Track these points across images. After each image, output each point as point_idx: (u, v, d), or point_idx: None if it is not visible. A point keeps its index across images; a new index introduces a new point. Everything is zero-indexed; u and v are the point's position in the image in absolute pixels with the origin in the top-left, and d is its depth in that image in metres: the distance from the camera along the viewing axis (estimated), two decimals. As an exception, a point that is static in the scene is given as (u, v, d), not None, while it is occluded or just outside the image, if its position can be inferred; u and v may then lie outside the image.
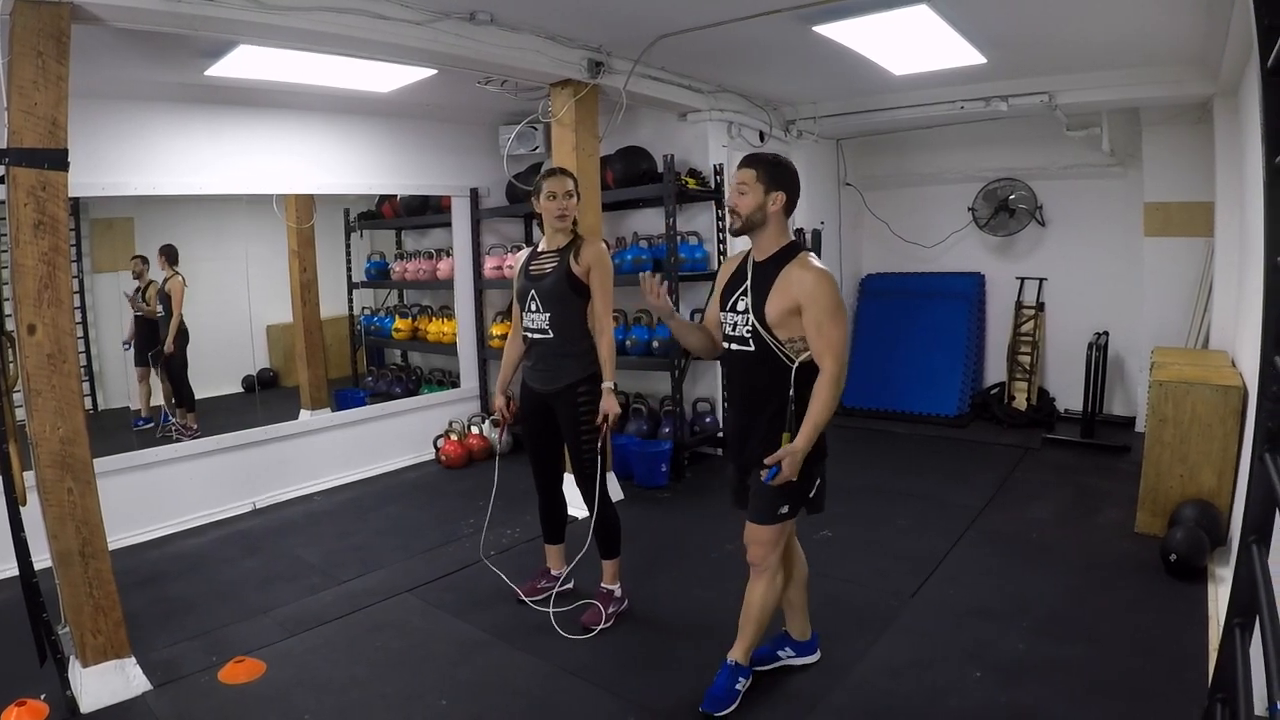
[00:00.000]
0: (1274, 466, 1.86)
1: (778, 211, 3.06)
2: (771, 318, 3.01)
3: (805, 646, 3.61)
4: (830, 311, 2.93)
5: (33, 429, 3.23)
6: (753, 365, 3.09)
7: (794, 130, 7.89)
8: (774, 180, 3.05)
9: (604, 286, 3.94)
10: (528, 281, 4.02)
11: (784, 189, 3.07)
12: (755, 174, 3.05)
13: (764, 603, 3.24)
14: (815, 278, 2.95)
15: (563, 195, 3.96)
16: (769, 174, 3.05)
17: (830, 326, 2.93)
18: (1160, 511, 4.82)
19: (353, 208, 8.01)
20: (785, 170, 3.10)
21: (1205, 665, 3.37)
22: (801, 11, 4.62)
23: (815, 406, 2.94)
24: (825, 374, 2.95)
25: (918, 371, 8.29)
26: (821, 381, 2.96)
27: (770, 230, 3.09)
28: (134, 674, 3.54)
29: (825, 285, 2.94)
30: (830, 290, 2.94)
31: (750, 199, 3.06)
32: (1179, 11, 4.71)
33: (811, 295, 2.94)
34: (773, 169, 3.07)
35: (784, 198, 3.06)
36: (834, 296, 2.94)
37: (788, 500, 3.08)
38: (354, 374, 8.28)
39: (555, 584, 4.34)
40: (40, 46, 3.07)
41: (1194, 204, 6.68)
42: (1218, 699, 2.17)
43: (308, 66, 5.01)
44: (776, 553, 3.20)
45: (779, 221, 3.09)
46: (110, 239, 6.17)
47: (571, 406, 3.93)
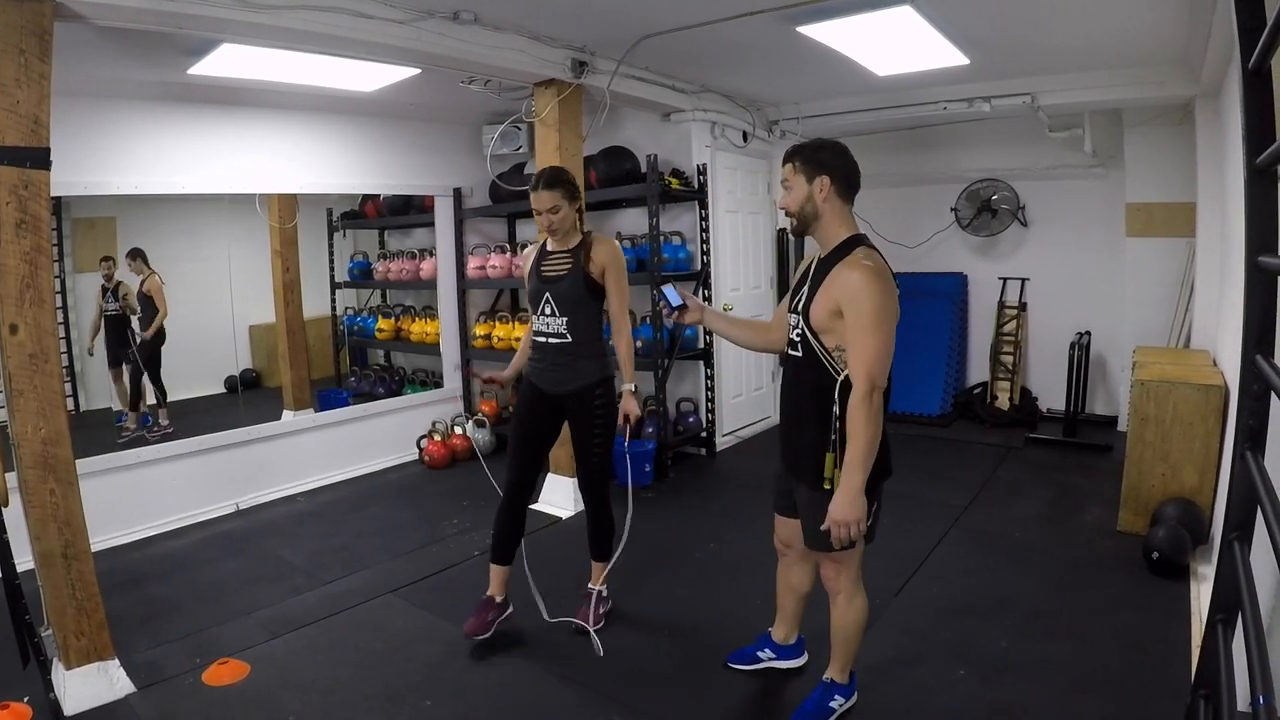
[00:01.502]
0: (1255, 464, 1.88)
1: (829, 198, 2.77)
2: (817, 321, 2.76)
3: (787, 651, 3.55)
4: (870, 320, 2.62)
5: (15, 429, 3.20)
6: (800, 372, 2.88)
7: (777, 131, 7.90)
8: (814, 165, 2.78)
9: (620, 287, 3.86)
10: (541, 284, 3.88)
11: (828, 171, 2.77)
12: (793, 165, 2.82)
13: (844, 622, 3.09)
14: (861, 278, 2.63)
15: (547, 212, 3.75)
16: (807, 160, 2.79)
17: (865, 338, 2.63)
18: (1142, 510, 4.85)
19: (336, 207, 7.98)
20: (827, 151, 2.80)
21: (1188, 661, 3.39)
22: (785, 12, 4.63)
23: (852, 439, 2.68)
24: (853, 394, 2.67)
25: (900, 371, 8.05)
26: (850, 404, 2.68)
27: (827, 222, 2.81)
28: (117, 676, 3.52)
29: (870, 287, 2.61)
30: (875, 294, 2.61)
31: (796, 193, 2.81)
32: (1161, 13, 4.75)
33: (852, 298, 2.64)
34: (811, 154, 2.80)
35: (829, 181, 2.76)
36: (878, 301, 2.61)
37: None
38: (337, 374, 8.26)
39: (500, 613, 3.99)
40: (23, 44, 3.05)
41: (1176, 204, 6.73)
42: (1201, 695, 2.18)
43: (291, 65, 4.99)
44: (848, 575, 3.02)
45: (835, 210, 2.80)
46: (92, 238, 6.13)
47: (588, 409, 3.86)
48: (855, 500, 2.67)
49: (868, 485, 2.73)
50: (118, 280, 6.16)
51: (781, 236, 8.08)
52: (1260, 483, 1.75)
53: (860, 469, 2.67)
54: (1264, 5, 1.84)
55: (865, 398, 2.65)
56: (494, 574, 4.03)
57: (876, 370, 2.65)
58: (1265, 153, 1.78)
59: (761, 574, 4.47)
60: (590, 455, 3.93)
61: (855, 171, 2.83)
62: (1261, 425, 1.97)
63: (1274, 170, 1.82)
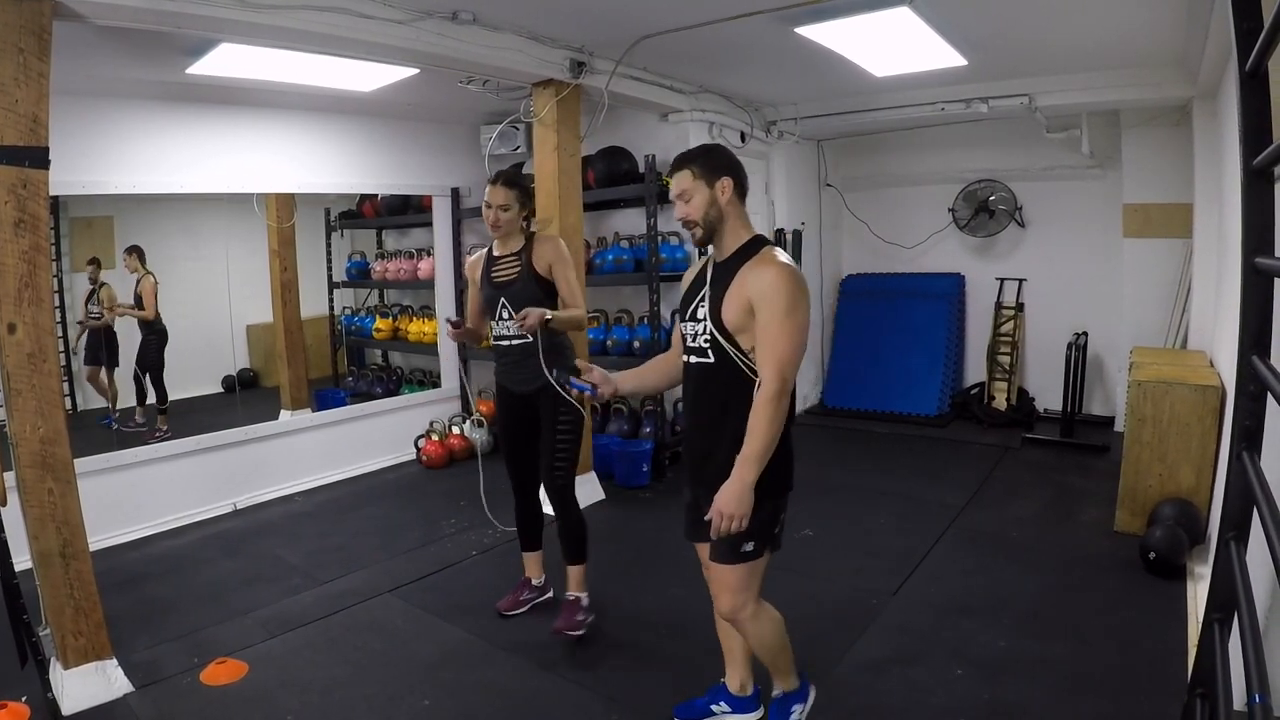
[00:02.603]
0: (1251, 465, 1.88)
1: (730, 200, 2.69)
2: (730, 322, 2.61)
3: (743, 704, 3.22)
4: (782, 314, 2.51)
5: (13, 429, 3.20)
6: (712, 378, 2.70)
7: (775, 131, 7.91)
8: (712, 169, 2.68)
9: (567, 277, 3.87)
10: (494, 290, 3.91)
11: (727, 173, 2.69)
12: (690, 172, 2.70)
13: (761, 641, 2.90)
14: (774, 274, 2.54)
15: (497, 208, 3.82)
16: (704, 165, 2.69)
17: (778, 332, 2.51)
18: (1139, 510, 4.85)
19: (333, 207, 7.98)
20: (720, 154, 2.76)
21: (1185, 661, 3.40)
22: (783, 13, 4.64)
23: (751, 434, 2.52)
24: (761, 390, 2.53)
25: (898, 371, 8.33)
26: (756, 400, 2.54)
27: (730, 225, 2.71)
28: (115, 676, 3.52)
29: (782, 283, 2.52)
30: (788, 289, 2.52)
31: (698, 200, 2.69)
32: (1158, 14, 4.76)
33: (764, 294, 2.54)
34: (706, 158, 2.72)
35: (731, 182, 2.68)
36: (791, 296, 2.52)
37: (752, 536, 2.65)
38: (334, 374, 8.25)
39: (537, 594, 4.28)
40: (21, 43, 3.05)
41: (1173, 205, 6.74)
42: (1198, 694, 2.19)
43: (289, 65, 4.99)
44: (749, 598, 2.77)
45: (737, 212, 2.72)
46: (90, 237, 6.12)
47: (552, 406, 3.85)
48: (744, 494, 2.51)
49: (771, 493, 2.62)
50: (102, 282, 6.12)
51: (779, 237, 8.09)
52: (1256, 483, 1.76)
53: (754, 465, 2.52)
54: (1261, 7, 1.84)
55: (775, 397, 2.50)
56: (526, 560, 4.30)
57: (789, 369, 2.53)
58: (1262, 154, 1.79)
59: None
60: (555, 451, 3.90)
61: (745, 175, 2.77)
62: (1257, 426, 1.98)
63: (1271, 171, 1.83)
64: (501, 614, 4.18)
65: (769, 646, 2.91)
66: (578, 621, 3.93)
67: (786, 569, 4.60)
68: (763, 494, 2.56)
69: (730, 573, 2.73)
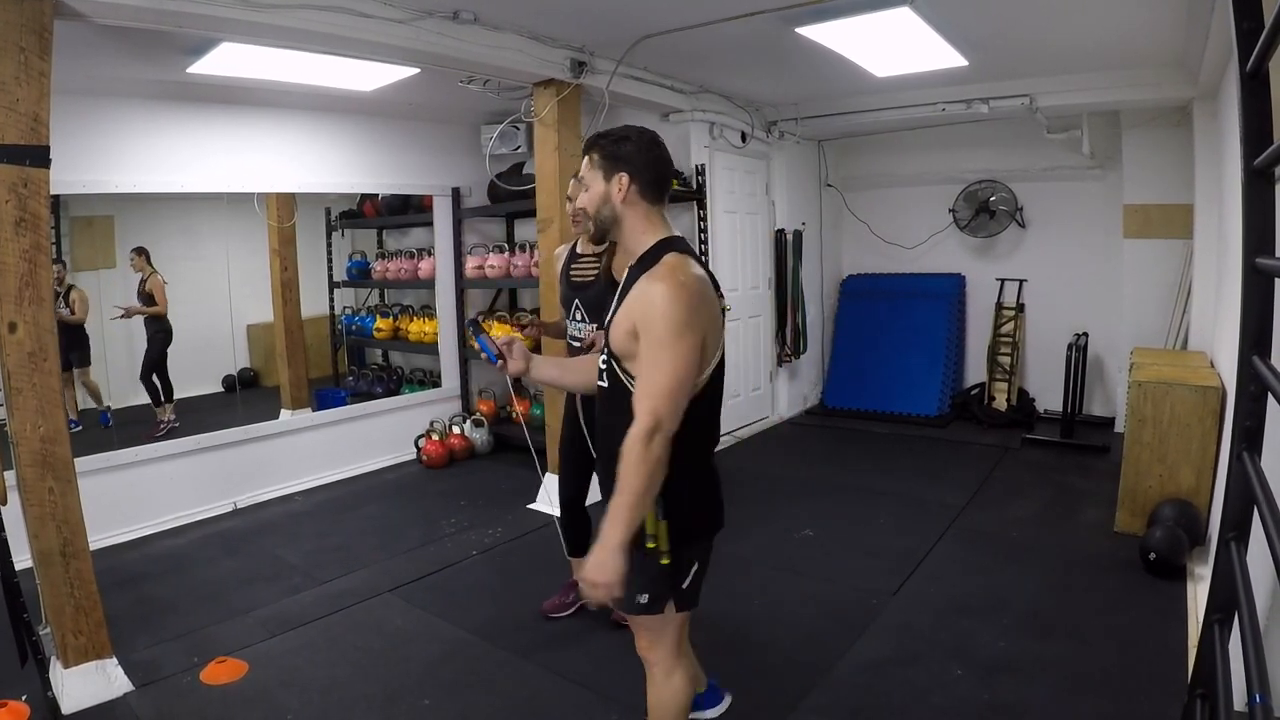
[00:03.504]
0: (1252, 465, 1.88)
1: (629, 199, 2.29)
2: (617, 344, 2.25)
3: (705, 699, 3.03)
4: (661, 339, 2.09)
5: (13, 428, 3.21)
6: (609, 407, 2.33)
7: (776, 131, 7.91)
8: (613, 160, 2.30)
9: None
10: (570, 290, 3.80)
11: (627, 167, 2.28)
12: (590, 159, 2.36)
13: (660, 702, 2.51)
14: (659, 293, 2.10)
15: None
16: (606, 153, 2.32)
17: (652, 363, 2.11)
18: (1139, 511, 4.85)
19: (334, 207, 7.97)
20: (630, 143, 2.31)
21: (1184, 662, 3.40)
22: (784, 13, 4.64)
23: (619, 484, 2.11)
24: (631, 430, 2.09)
25: (898, 372, 8.34)
26: (626, 441, 2.09)
27: (630, 226, 2.33)
28: (115, 675, 3.52)
29: (667, 304, 2.08)
30: (671, 310, 2.08)
31: (592, 191, 2.34)
32: (1159, 15, 4.76)
33: (645, 316, 2.12)
34: (611, 145, 2.32)
35: (626, 179, 2.27)
36: (674, 320, 2.08)
37: (647, 588, 2.30)
38: (335, 374, 8.25)
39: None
40: (22, 42, 3.05)
41: (1173, 206, 6.73)
42: (1198, 694, 2.19)
43: (290, 64, 4.98)
44: (664, 645, 2.44)
45: (640, 213, 2.31)
46: (90, 237, 6.12)
47: None
48: (608, 561, 2.10)
49: (689, 539, 2.30)
50: (69, 285, 6.08)
51: (780, 238, 8.10)
52: (1257, 483, 1.76)
53: (622, 523, 2.09)
54: (1262, 7, 1.84)
55: (643, 437, 2.07)
56: (574, 565, 4.05)
57: (663, 406, 2.08)
58: (1263, 154, 1.79)
59: (758, 574, 4.50)
60: None
61: (663, 166, 2.35)
62: (1258, 426, 1.98)
63: (1272, 172, 1.83)
64: (547, 616, 4.11)
65: (661, 711, 2.52)
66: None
67: (787, 569, 4.64)
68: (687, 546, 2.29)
69: (641, 626, 2.45)
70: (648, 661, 2.50)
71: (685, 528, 2.28)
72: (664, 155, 2.36)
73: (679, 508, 2.25)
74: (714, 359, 2.24)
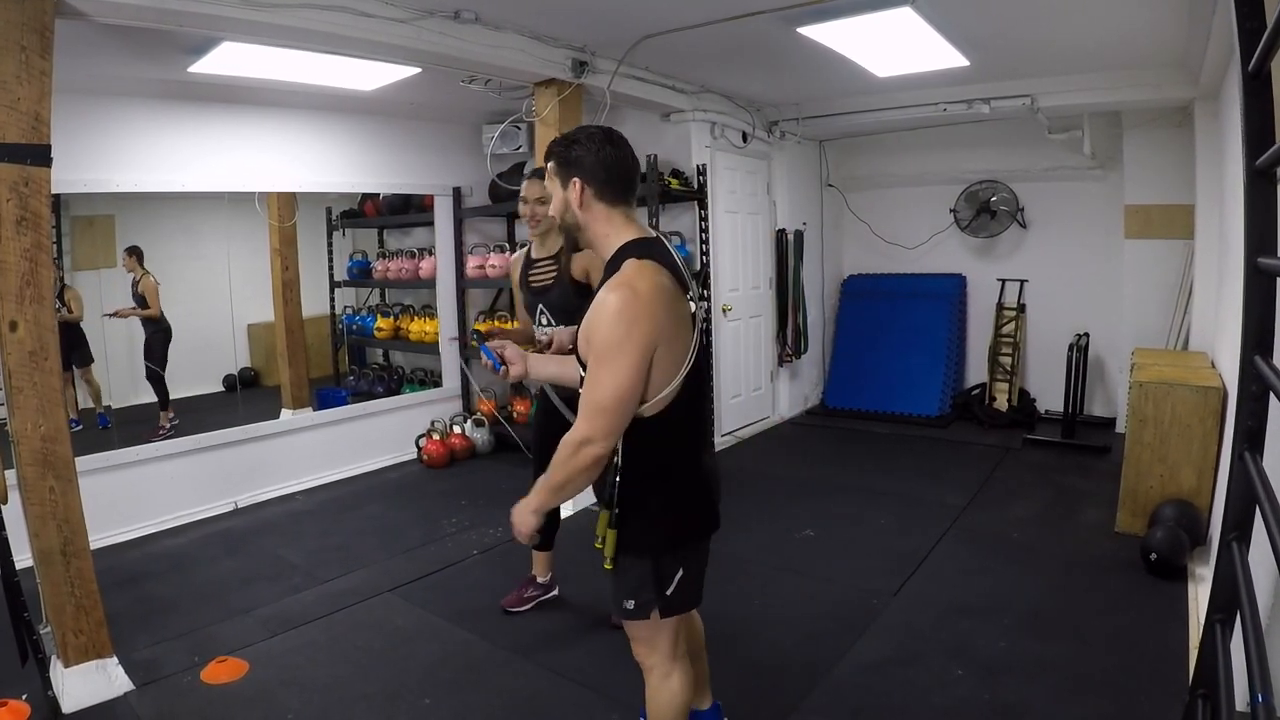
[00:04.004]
0: (1254, 465, 1.88)
1: (586, 203, 2.26)
2: (583, 353, 2.21)
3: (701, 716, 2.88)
4: (602, 352, 2.10)
5: (14, 427, 3.20)
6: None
7: (777, 131, 7.91)
8: (564, 164, 2.27)
9: None
10: (533, 296, 3.85)
11: (578, 171, 2.25)
12: (550, 169, 2.32)
13: (658, 705, 2.48)
14: (609, 304, 2.10)
15: (533, 201, 3.75)
16: (558, 159, 2.29)
17: (593, 378, 2.12)
18: (1140, 511, 4.85)
19: (335, 206, 7.97)
20: (579, 145, 2.26)
21: (1186, 662, 3.40)
22: (785, 13, 4.64)
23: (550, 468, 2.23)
24: (569, 433, 2.16)
25: (899, 372, 8.34)
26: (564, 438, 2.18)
27: (594, 230, 2.30)
28: (116, 674, 3.52)
29: (611, 314, 2.08)
30: (616, 322, 2.08)
31: (555, 199, 2.33)
32: (1160, 15, 4.76)
33: (593, 328, 2.13)
34: (563, 150, 2.28)
35: (580, 184, 2.24)
36: (618, 332, 2.07)
37: (634, 594, 2.33)
38: (335, 373, 8.25)
39: (542, 592, 4.28)
40: (24, 41, 3.05)
41: (1174, 206, 6.74)
42: (1199, 695, 2.19)
43: (291, 64, 4.99)
44: (659, 649, 2.43)
45: (600, 215, 2.28)
46: (91, 236, 6.13)
47: None
48: (522, 511, 2.34)
49: (648, 551, 2.29)
50: (63, 284, 6.09)
51: (781, 238, 8.10)
52: (1259, 483, 1.76)
53: (538, 497, 2.31)
54: (1264, 7, 1.84)
55: (573, 444, 2.14)
56: (535, 558, 4.25)
57: (596, 422, 2.11)
58: (1265, 154, 1.79)
59: (759, 574, 4.50)
60: None
61: (619, 165, 2.28)
62: (1260, 426, 1.98)
63: (1274, 172, 1.82)
64: (505, 610, 4.18)
65: (659, 714, 2.50)
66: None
67: (787, 569, 4.64)
68: (638, 550, 2.29)
69: (635, 631, 2.45)
70: (644, 666, 2.48)
71: (659, 538, 2.30)
72: (619, 153, 2.28)
73: (643, 519, 2.26)
74: (680, 371, 2.21)
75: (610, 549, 2.25)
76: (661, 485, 2.29)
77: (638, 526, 2.26)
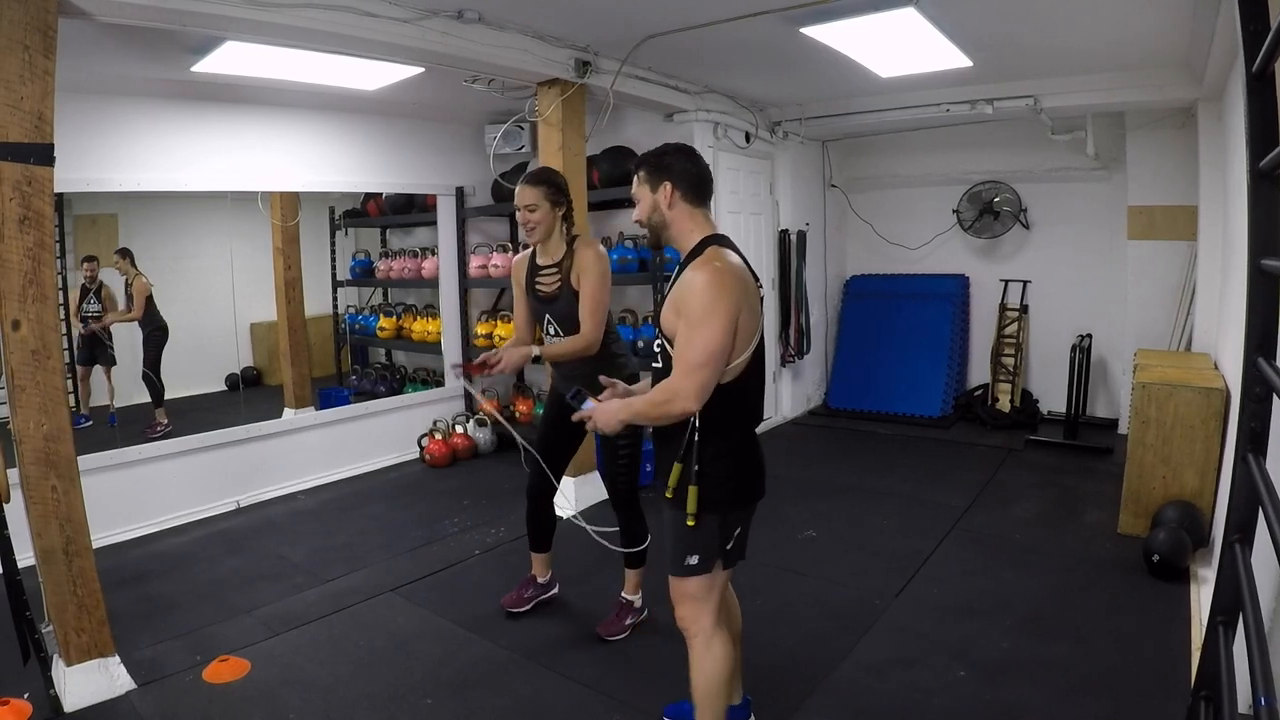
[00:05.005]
0: (1256, 467, 1.88)
1: (674, 203, 2.63)
2: (665, 325, 2.54)
3: (732, 712, 2.98)
4: (695, 317, 2.40)
5: (17, 425, 3.21)
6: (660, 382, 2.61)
7: (780, 131, 7.90)
8: (657, 172, 2.65)
9: (590, 291, 3.68)
10: (539, 304, 3.82)
11: (670, 176, 2.62)
12: (638, 176, 2.71)
13: (703, 670, 2.67)
14: (702, 278, 2.43)
15: (524, 209, 3.65)
16: (650, 168, 2.67)
17: (685, 336, 2.42)
18: (1143, 512, 4.85)
19: (338, 205, 7.97)
20: (669, 156, 2.68)
21: (1188, 664, 3.40)
22: (788, 13, 4.63)
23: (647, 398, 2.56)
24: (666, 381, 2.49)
25: (902, 372, 8.33)
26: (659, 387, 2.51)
27: (678, 228, 2.65)
28: (118, 673, 3.52)
29: (701, 286, 2.41)
30: (705, 293, 2.40)
31: (643, 203, 2.69)
32: (1164, 16, 4.75)
33: (683, 298, 2.45)
34: (654, 160, 2.69)
35: (671, 186, 2.62)
36: (707, 301, 2.39)
37: (696, 549, 2.59)
38: (338, 373, 8.24)
39: (541, 592, 4.27)
40: (27, 40, 3.05)
41: (1177, 208, 6.73)
42: (1201, 696, 2.19)
43: (294, 63, 4.98)
44: (706, 613, 2.65)
45: (684, 214, 2.64)
46: (94, 235, 6.13)
47: None
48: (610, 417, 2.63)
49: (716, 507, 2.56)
50: (99, 281, 6.13)
51: (784, 238, 8.09)
52: (1262, 485, 1.76)
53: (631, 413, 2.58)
54: (1268, 9, 1.84)
55: (666, 396, 2.45)
56: (534, 559, 4.27)
57: (688, 379, 2.40)
58: (1268, 156, 1.78)
59: (760, 574, 4.49)
60: (617, 462, 3.89)
61: (702, 172, 2.69)
62: (1263, 428, 1.98)
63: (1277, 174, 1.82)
64: (506, 611, 4.18)
65: (708, 680, 2.67)
66: (624, 626, 3.94)
67: (789, 570, 4.63)
68: (706, 506, 2.54)
69: (678, 583, 2.67)
70: (688, 633, 2.69)
71: (725, 496, 2.60)
72: (698, 166, 2.69)
73: (717, 477, 2.56)
74: (751, 343, 2.55)
75: (693, 505, 2.52)
76: (732, 448, 2.62)
77: (712, 484, 2.55)
